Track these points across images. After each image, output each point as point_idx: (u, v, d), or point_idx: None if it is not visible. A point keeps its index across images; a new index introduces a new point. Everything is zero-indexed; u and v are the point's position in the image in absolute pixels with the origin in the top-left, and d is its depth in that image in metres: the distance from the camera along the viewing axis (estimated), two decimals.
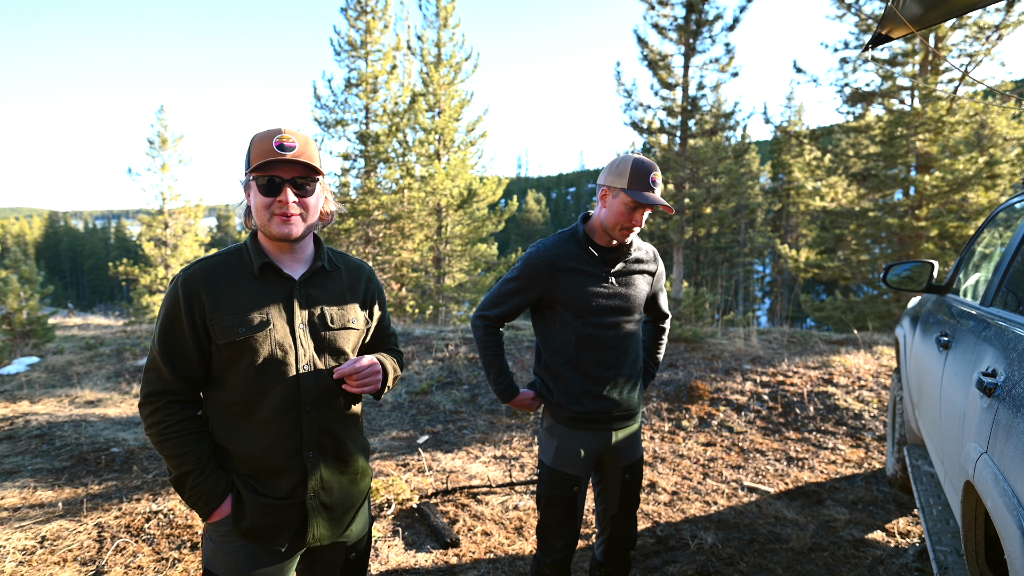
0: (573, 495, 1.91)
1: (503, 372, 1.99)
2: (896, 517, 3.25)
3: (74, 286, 78.38)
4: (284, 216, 1.34)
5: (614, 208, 1.82)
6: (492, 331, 1.99)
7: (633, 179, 1.78)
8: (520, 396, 2.01)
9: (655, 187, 1.79)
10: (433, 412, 5.46)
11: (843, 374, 5.56)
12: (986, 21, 10.98)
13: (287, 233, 1.35)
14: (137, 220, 21.48)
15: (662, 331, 2.24)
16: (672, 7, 13.58)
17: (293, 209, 1.34)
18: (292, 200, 1.33)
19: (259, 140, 1.34)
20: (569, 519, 1.93)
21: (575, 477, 1.91)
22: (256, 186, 1.34)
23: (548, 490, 1.93)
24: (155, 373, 1.34)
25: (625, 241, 1.89)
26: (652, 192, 1.79)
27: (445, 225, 15.73)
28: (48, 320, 9.98)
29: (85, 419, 5.15)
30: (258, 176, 1.33)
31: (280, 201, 1.33)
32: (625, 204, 1.79)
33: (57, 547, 2.81)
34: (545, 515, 1.95)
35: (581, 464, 1.92)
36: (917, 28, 1.96)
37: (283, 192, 1.33)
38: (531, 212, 61.90)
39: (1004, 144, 11.60)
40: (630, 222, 1.81)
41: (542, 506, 1.96)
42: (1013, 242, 1.97)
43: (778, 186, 30.73)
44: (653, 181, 1.78)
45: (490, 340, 1.99)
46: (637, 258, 1.97)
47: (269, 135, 1.33)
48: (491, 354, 1.99)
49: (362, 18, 15.07)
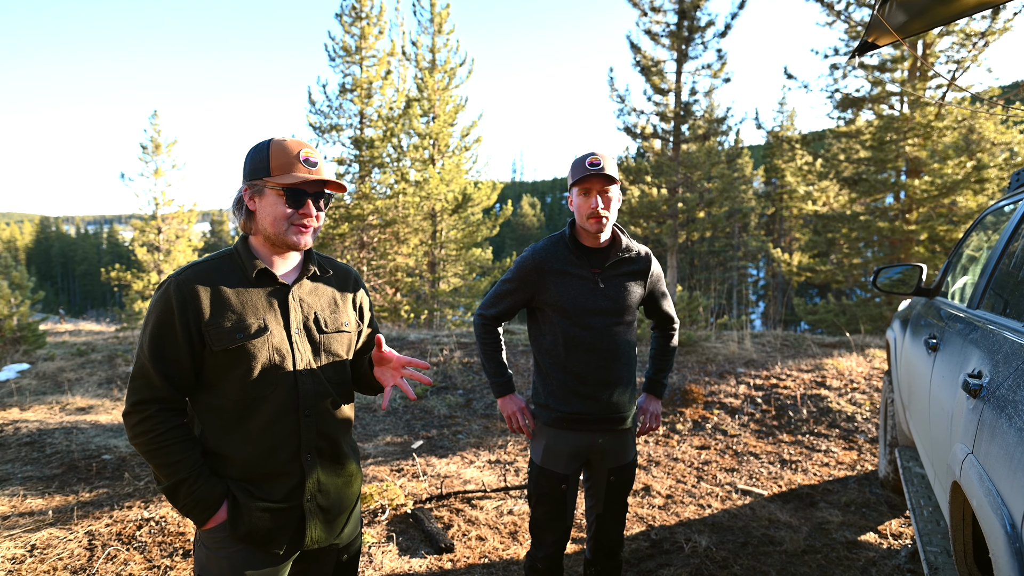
0: (561, 493, 1.96)
1: (500, 366, 2.06)
2: (888, 519, 3.28)
3: (65, 292, 77.78)
4: (302, 227, 1.37)
5: (575, 203, 1.91)
6: (490, 329, 2.07)
7: (574, 171, 1.88)
8: (512, 399, 2.04)
9: (595, 167, 1.83)
10: (428, 417, 5.45)
11: (836, 377, 5.59)
12: (973, 28, 11.12)
13: (302, 243, 1.39)
14: (130, 225, 21.35)
15: (668, 338, 2.21)
16: (665, 13, 13.69)
17: (314, 222, 1.39)
18: (315, 214, 1.39)
19: (281, 149, 1.36)
20: (558, 515, 1.98)
21: (562, 476, 1.95)
22: (279, 197, 1.35)
23: (537, 488, 1.98)
24: (144, 380, 1.32)
25: (600, 229, 1.87)
26: (592, 171, 1.83)
27: (440, 230, 15.73)
28: (39, 326, 9.90)
29: (76, 426, 5.11)
30: (286, 188, 1.34)
31: (303, 213, 1.37)
32: (577, 194, 1.88)
33: (47, 556, 2.79)
34: (536, 511, 2.01)
35: (567, 464, 1.95)
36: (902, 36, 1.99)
37: (307, 206, 1.37)
38: (526, 216, 61.98)
39: (992, 149, 11.73)
40: (588, 207, 1.85)
41: (533, 503, 2.02)
42: (999, 245, 2.00)
43: (771, 190, 30.94)
44: (591, 163, 1.83)
45: (488, 336, 2.07)
46: (626, 259, 1.99)
47: (292, 147, 1.36)
48: (489, 349, 2.07)
49: (357, 24, 15.11)
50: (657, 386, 2.17)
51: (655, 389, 2.18)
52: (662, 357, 2.20)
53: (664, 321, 2.20)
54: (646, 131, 14.43)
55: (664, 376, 2.19)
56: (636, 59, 13.96)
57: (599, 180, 1.83)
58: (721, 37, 13.54)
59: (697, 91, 14.05)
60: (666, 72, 14.06)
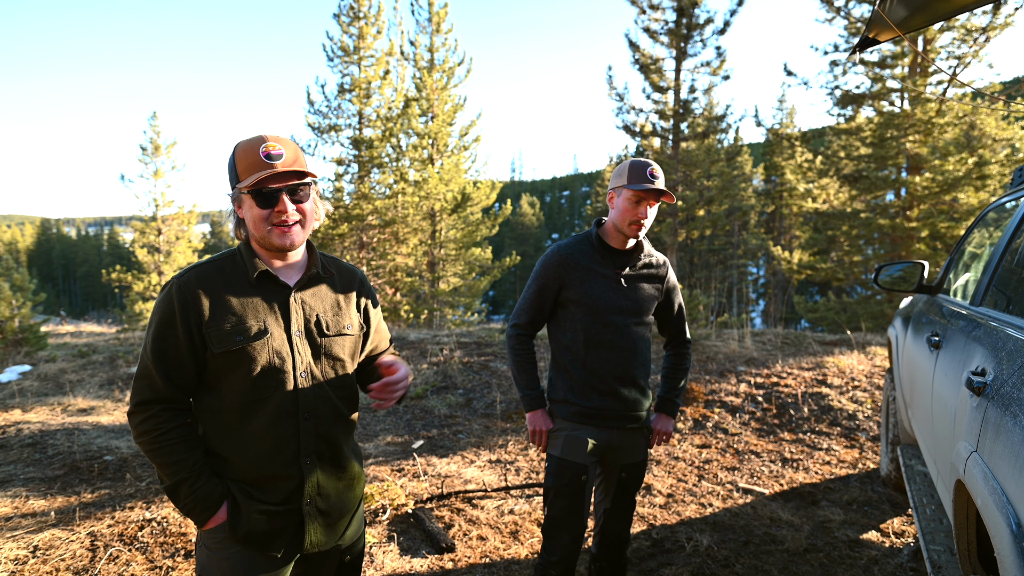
0: (581, 484, 1.96)
1: (534, 379, 2.06)
2: (890, 517, 3.27)
3: (67, 293, 77.84)
4: (284, 227, 1.33)
5: (620, 206, 1.93)
6: (524, 339, 2.08)
7: (632, 175, 1.90)
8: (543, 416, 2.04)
9: (655, 180, 1.89)
10: (428, 417, 5.44)
11: (837, 375, 5.58)
12: (974, 23, 11.10)
13: (288, 244, 1.35)
14: (130, 227, 21.34)
15: (681, 356, 2.19)
16: (663, 11, 13.67)
17: (293, 217, 1.34)
18: (291, 209, 1.33)
19: (244, 151, 1.32)
20: (576, 510, 1.96)
21: (582, 466, 1.96)
22: (250, 199, 1.32)
23: (556, 480, 1.97)
24: (147, 381, 1.32)
25: (637, 236, 1.95)
26: (652, 184, 1.89)
27: (439, 229, 15.72)
28: (40, 328, 9.90)
29: (78, 427, 5.11)
30: (252, 190, 1.31)
31: (278, 211, 1.32)
32: (628, 199, 1.90)
33: (49, 556, 2.79)
34: (553, 507, 1.98)
35: (588, 455, 1.97)
36: (903, 31, 1.99)
37: (280, 202, 1.32)
38: (525, 216, 61.95)
39: (993, 145, 11.71)
40: (636, 215, 1.90)
41: (550, 498, 1.99)
42: (1002, 242, 1.99)
43: (770, 188, 30.91)
44: (651, 174, 1.89)
45: (523, 348, 2.08)
46: (647, 263, 2.05)
47: (253, 145, 1.31)
48: (523, 361, 2.07)
49: (355, 23, 15.09)
50: (670, 405, 2.16)
51: (668, 408, 2.16)
52: (675, 375, 2.19)
53: (676, 334, 2.20)
54: (645, 129, 14.42)
55: (677, 395, 2.18)
56: (635, 57, 13.95)
57: (655, 193, 1.89)
58: (720, 34, 13.53)
59: (696, 89, 14.04)
60: (665, 70, 14.04)
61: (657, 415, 2.17)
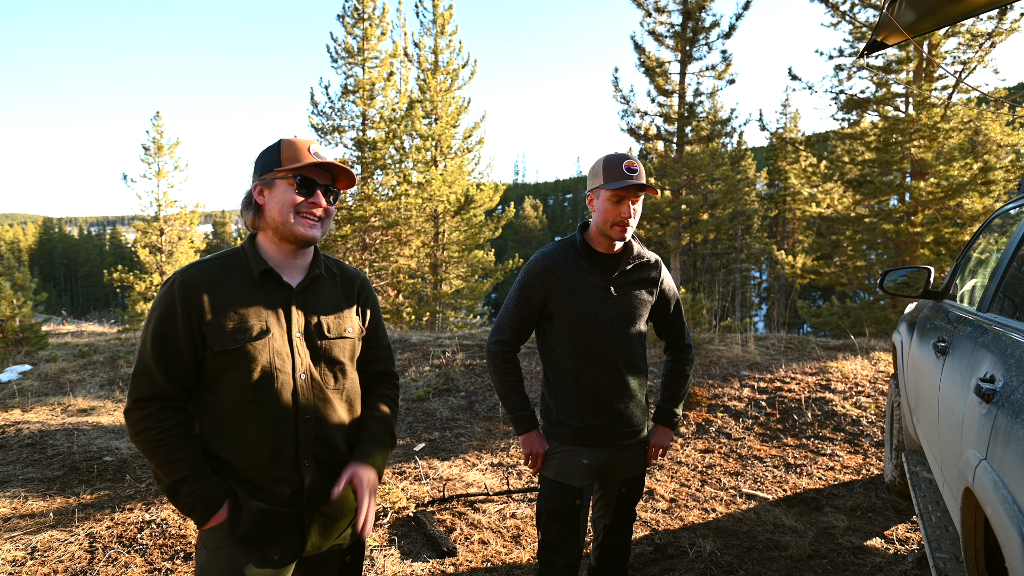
0: (575, 508, 1.85)
1: (523, 398, 1.92)
2: (895, 524, 3.24)
3: (68, 293, 78.05)
4: (311, 218, 1.37)
5: (601, 208, 1.79)
6: (509, 356, 1.92)
7: (608, 172, 1.76)
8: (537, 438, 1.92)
9: (633, 174, 1.74)
10: (430, 419, 5.43)
11: (840, 380, 5.55)
12: (979, 28, 11.08)
13: (311, 236, 1.38)
14: (132, 227, 21.38)
15: (682, 363, 2.03)
16: (669, 14, 13.67)
17: (322, 212, 1.39)
18: (324, 203, 1.38)
19: (292, 143, 1.38)
20: (571, 535, 1.85)
21: (577, 489, 1.85)
22: (287, 184, 1.35)
23: (550, 503, 1.86)
24: (146, 377, 1.30)
25: (623, 238, 1.81)
26: (631, 179, 1.75)
27: (442, 231, 15.73)
28: (41, 327, 9.91)
29: (78, 427, 5.10)
30: (296, 175, 1.35)
31: (312, 202, 1.37)
32: (608, 199, 1.76)
33: (48, 558, 2.77)
34: (546, 532, 1.87)
35: (583, 476, 1.87)
36: (912, 35, 1.97)
37: (316, 195, 1.37)
38: (528, 218, 61.99)
39: (998, 150, 11.67)
40: (619, 216, 1.76)
41: (543, 523, 1.88)
42: (1009, 248, 1.97)
43: (774, 192, 30.88)
44: (628, 168, 1.74)
45: (507, 366, 1.91)
46: (637, 266, 1.90)
47: (302, 142, 1.38)
48: (509, 379, 1.91)
49: (359, 25, 15.13)
50: (669, 415, 2.02)
51: (667, 419, 2.02)
52: (674, 383, 2.05)
53: (676, 338, 2.06)
54: (650, 132, 14.41)
55: (677, 404, 2.04)
56: (640, 60, 13.94)
57: (635, 189, 1.73)
58: (725, 38, 13.53)
59: (701, 92, 14.03)
60: (670, 73, 14.04)
61: (654, 427, 2.04)
